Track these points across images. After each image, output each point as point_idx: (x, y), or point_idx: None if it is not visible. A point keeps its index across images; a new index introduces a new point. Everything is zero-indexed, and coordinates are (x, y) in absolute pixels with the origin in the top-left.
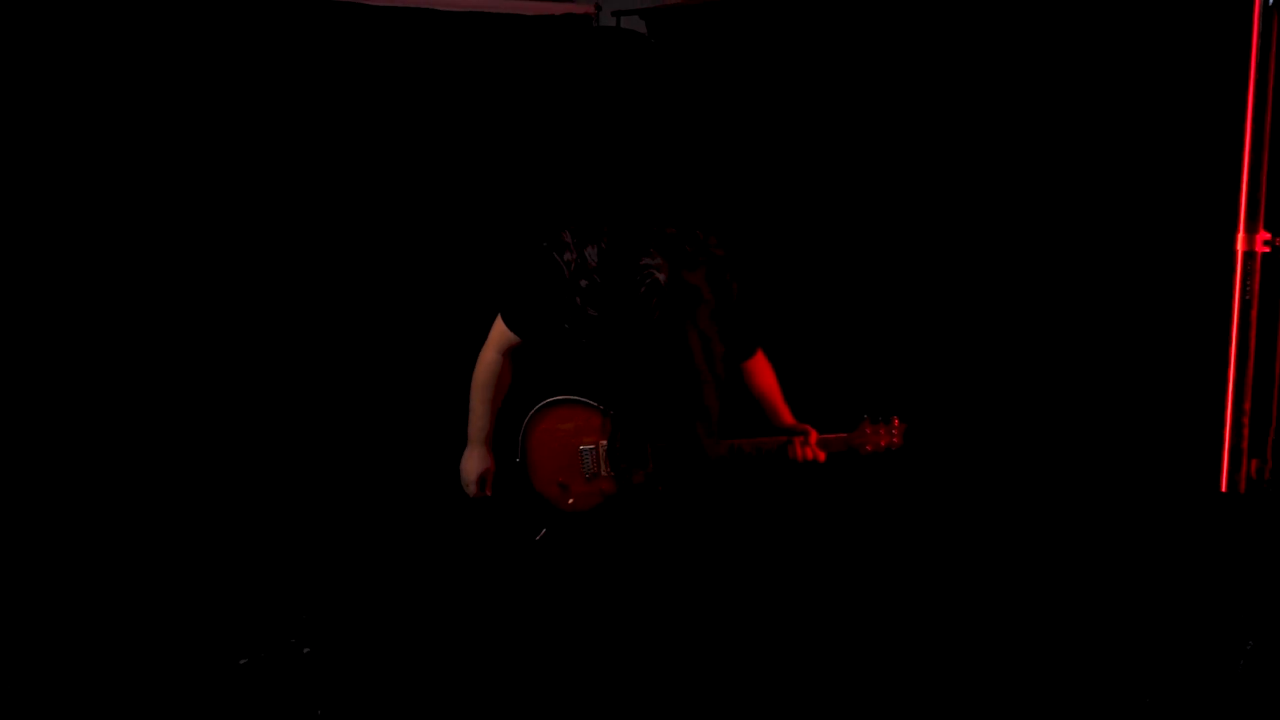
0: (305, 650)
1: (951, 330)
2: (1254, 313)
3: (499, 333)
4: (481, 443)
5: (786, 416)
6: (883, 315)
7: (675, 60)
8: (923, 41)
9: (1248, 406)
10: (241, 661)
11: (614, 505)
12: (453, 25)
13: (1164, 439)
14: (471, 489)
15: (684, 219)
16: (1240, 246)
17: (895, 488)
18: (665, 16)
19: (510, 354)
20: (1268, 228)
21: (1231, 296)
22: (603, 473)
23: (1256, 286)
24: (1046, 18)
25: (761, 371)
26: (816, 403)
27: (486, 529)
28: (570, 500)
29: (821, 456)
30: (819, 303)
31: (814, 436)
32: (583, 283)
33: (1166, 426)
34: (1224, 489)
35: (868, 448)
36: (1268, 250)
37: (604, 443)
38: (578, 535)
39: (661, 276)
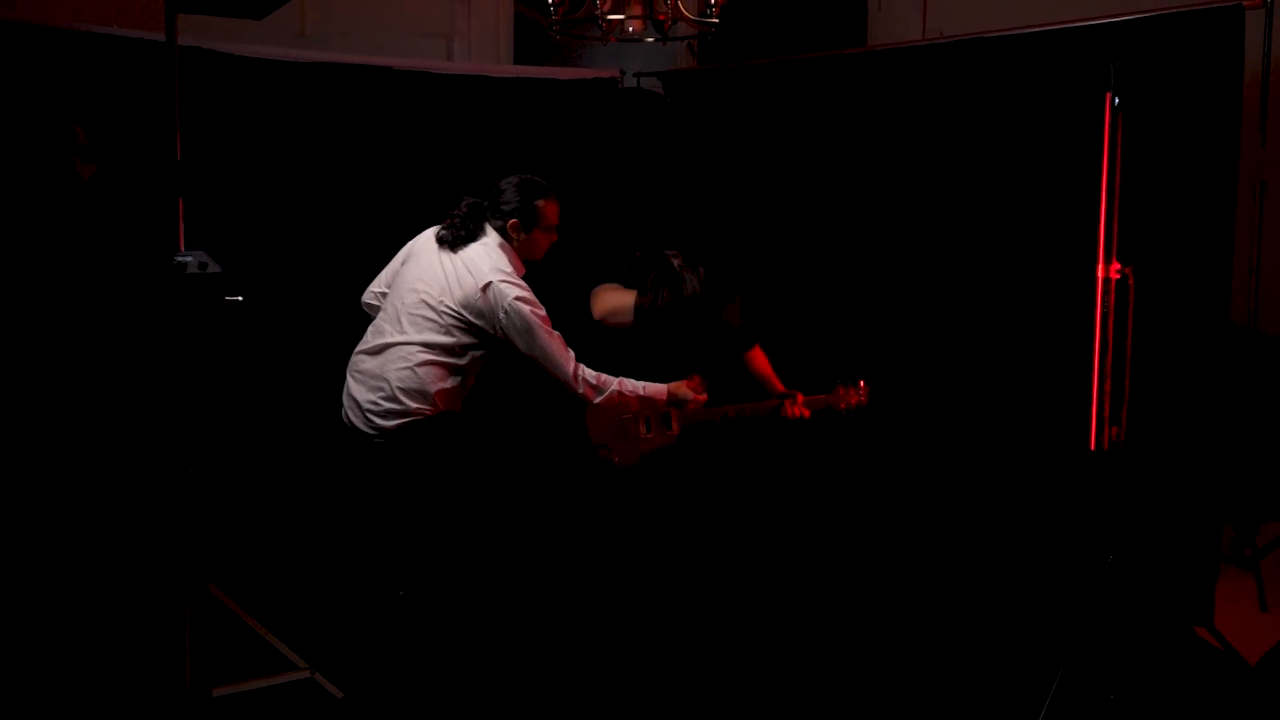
0: (401, 593)
1: (899, 328)
2: (1110, 321)
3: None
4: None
5: (779, 387)
6: (850, 317)
7: (685, 115)
8: (875, 108)
9: (1108, 388)
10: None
11: (651, 461)
12: (501, 89)
13: (1049, 410)
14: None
15: (689, 247)
16: (1100, 274)
17: (856, 444)
18: (678, 79)
19: None
20: (1118, 260)
21: (1095, 309)
22: (641, 434)
23: (1112, 302)
24: (971, 106)
25: (758, 359)
26: (801, 378)
27: (556, 481)
28: (616, 459)
29: (807, 414)
30: (800, 305)
31: (800, 398)
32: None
33: (1050, 401)
34: (1092, 447)
35: (841, 405)
36: (1118, 277)
37: (645, 412)
38: (626, 484)
39: (688, 288)
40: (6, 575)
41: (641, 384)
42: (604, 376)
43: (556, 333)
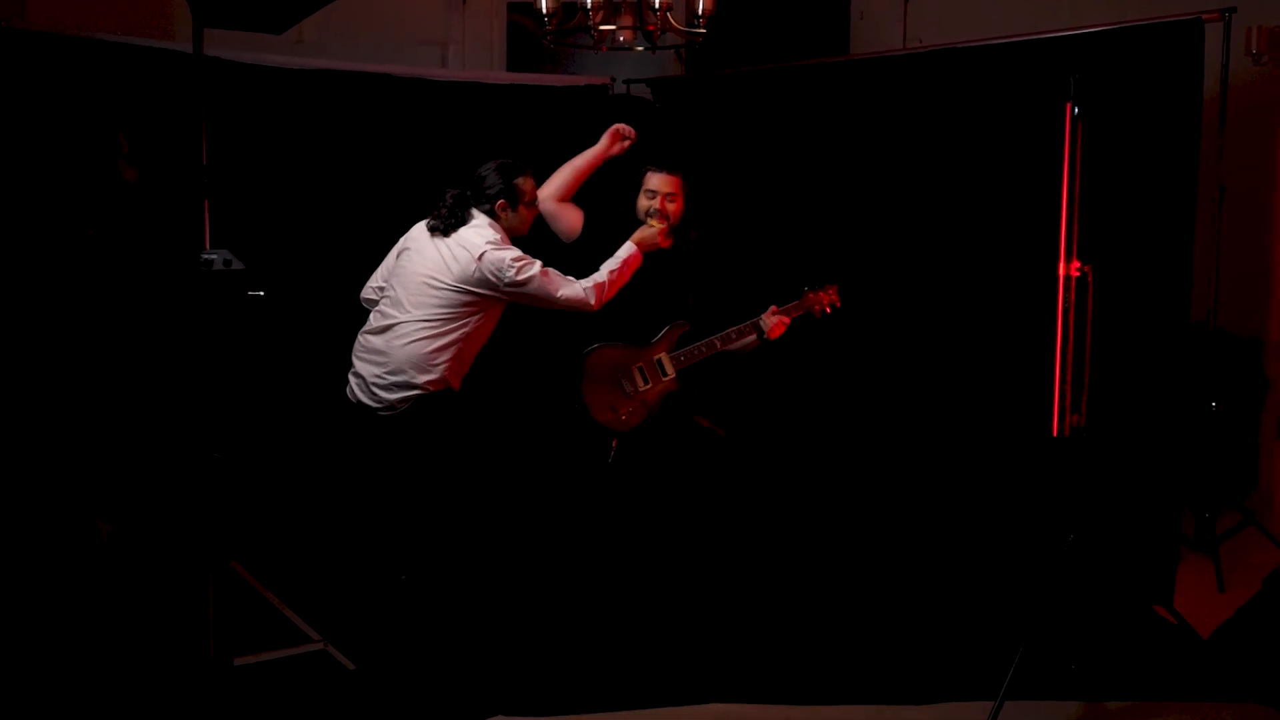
0: (402, 577)
1: (877, 324)
2: (1071, 315)
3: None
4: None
5: None
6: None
7: (674, 120)
8: (856, 113)
9: (1069, 378)
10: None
11: (655, 414)
12: (497, 95)
13: (1015, 399)
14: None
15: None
16: (1061, 272)
17: (837, 433)
18: (666, 86)
19: None
20: (1079, 258)
21: (1057, 304)
22: (639, 387)
23: (1072, 298)
24: (946, 112)
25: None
26: (787, 377)
27: (574, 454)
28: (623, 417)
29: (787, 320)
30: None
31: (775, 309)
32: None
33: (1017, 391)
34: (1055, 434)
35: (816, 309)
36: (1078, 274)
37: (636, 365)
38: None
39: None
40: (45, 552)
41: (613, 259)
42: (595, 277)
43: (551, 269)
